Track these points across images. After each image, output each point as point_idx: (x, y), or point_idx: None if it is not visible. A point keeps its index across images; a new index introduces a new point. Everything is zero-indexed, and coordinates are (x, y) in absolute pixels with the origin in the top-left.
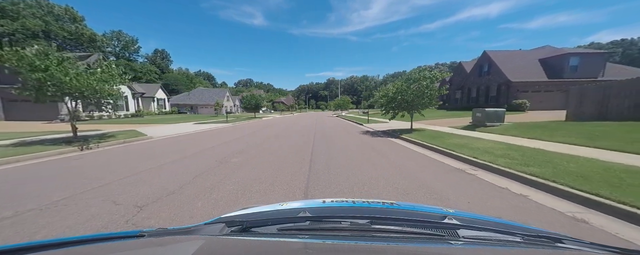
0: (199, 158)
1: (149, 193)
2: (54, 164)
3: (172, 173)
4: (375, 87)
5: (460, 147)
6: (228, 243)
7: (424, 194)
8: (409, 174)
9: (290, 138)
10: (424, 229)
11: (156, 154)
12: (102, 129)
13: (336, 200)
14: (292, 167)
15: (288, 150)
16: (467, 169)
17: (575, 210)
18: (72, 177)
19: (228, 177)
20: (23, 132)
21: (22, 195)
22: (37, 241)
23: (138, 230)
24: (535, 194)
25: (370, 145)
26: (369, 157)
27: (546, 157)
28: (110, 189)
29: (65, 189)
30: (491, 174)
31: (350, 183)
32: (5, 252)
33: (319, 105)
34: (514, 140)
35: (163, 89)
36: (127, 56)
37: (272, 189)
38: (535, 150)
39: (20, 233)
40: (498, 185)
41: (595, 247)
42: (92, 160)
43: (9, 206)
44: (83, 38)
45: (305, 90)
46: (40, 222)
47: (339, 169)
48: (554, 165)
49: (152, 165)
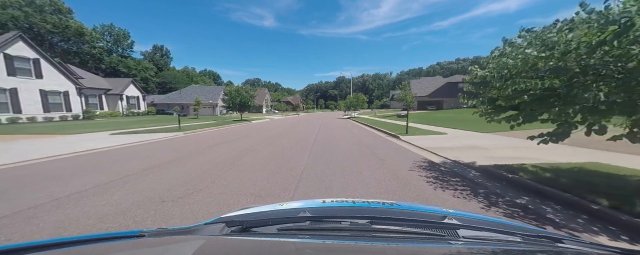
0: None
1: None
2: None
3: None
4: (388, 85)
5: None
6: (228, 243)
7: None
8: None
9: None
10: (424, 229)
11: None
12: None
13: (336, 200)
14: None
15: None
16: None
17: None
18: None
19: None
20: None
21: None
22: (37, 241)
23: (138, 230)
24: None
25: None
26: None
27: None
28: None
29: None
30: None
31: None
32: (5, 252)
33: (328, 105)
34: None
35: (136, 86)
36: (120, 52)
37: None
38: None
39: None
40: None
41: (595, 247)
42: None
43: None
44: (69, 31)
45: (314, 90)
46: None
47: None
48: None
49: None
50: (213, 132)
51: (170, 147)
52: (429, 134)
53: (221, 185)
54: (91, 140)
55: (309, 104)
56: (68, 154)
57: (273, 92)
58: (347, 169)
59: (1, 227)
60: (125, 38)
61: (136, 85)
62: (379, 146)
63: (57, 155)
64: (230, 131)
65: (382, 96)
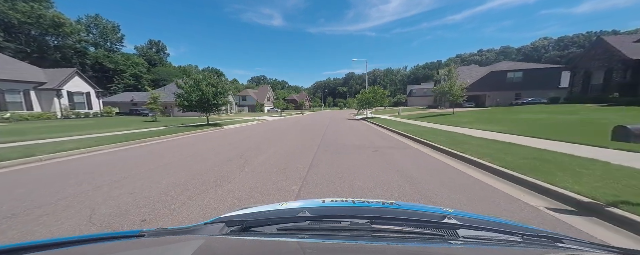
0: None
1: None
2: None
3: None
4: (402, 80)
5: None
6: (228, 243)
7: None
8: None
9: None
10: (424, 229)
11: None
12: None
13: (336, 200)
14: None
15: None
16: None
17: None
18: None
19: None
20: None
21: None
22: (37, 241)
23: (138, 230)
24: None
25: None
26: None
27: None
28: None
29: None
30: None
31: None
32: (5, 252)
33: (337, 102)
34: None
35: (85, 80)
36: (109, 46)
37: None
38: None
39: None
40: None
41: (595, 247)
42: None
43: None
44: (44, 21)
45: (322, 87)
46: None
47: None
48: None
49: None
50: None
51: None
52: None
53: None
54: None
55: (317, 102)
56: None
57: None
58: None
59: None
60: (114, 31)
61: (85, 79)
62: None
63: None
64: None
65: (396, 93)
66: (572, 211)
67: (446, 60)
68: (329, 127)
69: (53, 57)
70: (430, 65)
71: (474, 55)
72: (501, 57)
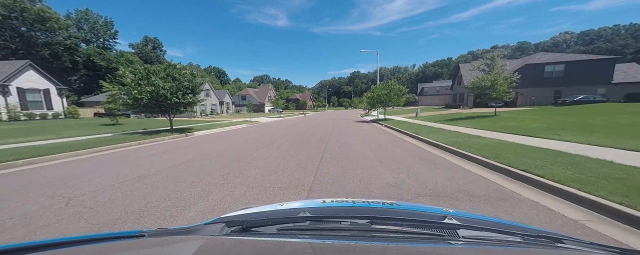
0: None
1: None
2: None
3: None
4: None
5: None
6: (228, 243)
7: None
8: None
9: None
10: (424, 229)
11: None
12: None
13: (336, 200)
14: None
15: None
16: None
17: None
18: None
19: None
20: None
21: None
22: (37, 241)
23: (138, 230)
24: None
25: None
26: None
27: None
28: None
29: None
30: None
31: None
32: (5, 252)
33: (342, 102)
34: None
35: (43, 74)
36: (101, 43)
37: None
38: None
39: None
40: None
41: (595, 247)
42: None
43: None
44: (28, 15)
45: (326, 86)
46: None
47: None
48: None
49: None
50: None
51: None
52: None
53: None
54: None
55: (321, 101)
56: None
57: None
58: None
59: None
60: (106, 27)
61: (42, 73)
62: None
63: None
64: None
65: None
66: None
67: (457, 57)
68: (332, 135)
69: (41, 53)
70: (440, 62)
71: (486, 52)
72: (518, 53)
